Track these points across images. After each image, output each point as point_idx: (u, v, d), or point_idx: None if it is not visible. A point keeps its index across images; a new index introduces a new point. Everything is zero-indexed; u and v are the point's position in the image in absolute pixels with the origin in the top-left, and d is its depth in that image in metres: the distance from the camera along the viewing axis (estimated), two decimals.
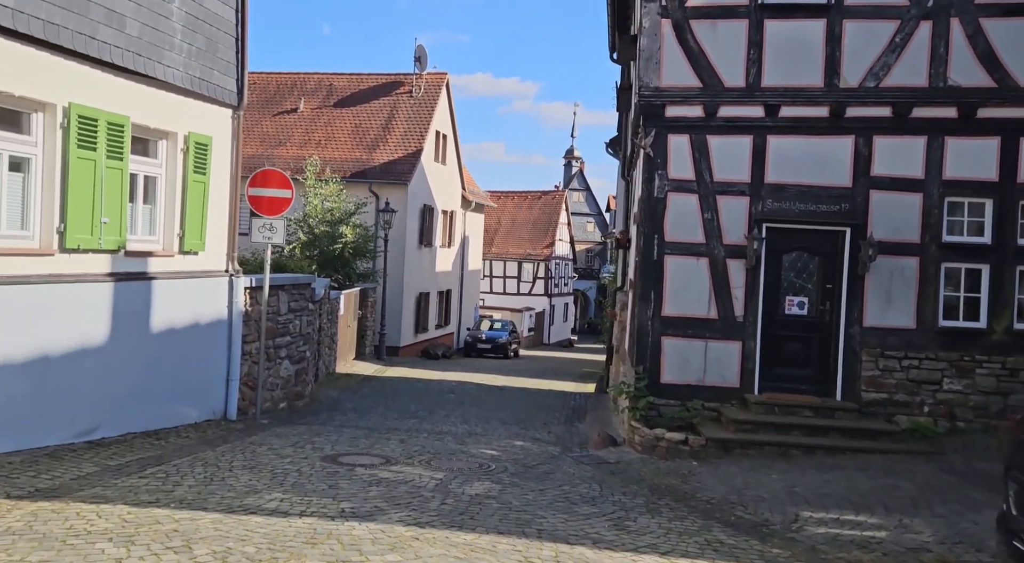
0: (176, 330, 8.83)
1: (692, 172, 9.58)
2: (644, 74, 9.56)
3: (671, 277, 9.67)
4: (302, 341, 11.78)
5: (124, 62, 7.63)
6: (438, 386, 17.15)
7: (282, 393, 11.26)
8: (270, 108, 27.76)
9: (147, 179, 8.52)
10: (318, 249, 21.50)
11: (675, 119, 9.59)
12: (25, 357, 6.87)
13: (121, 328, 7.95)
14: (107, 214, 7.61)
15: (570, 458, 9.10)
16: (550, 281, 48.50)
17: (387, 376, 18.58)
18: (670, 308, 9.68)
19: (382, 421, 11.29)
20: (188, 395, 9.17)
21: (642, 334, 9.78)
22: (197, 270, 9.16)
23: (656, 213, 9.67)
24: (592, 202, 72.29)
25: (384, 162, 25.36)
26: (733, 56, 9.35)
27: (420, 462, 8.07)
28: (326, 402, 12.98)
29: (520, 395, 16.48)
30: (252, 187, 10.02)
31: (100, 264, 7.68)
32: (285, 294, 11.10)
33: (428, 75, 27.44)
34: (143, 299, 8.30)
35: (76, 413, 7.51)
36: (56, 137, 7.05)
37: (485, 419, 12.20)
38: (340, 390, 14.92)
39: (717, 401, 9.51)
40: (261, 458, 7.68)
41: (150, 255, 8.44)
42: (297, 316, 11.55)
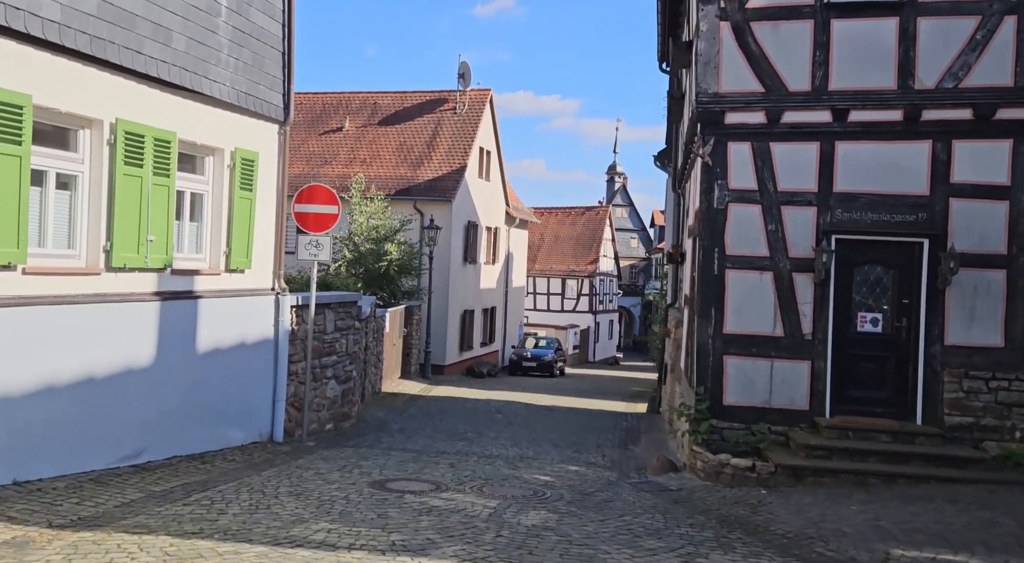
0: (222, 350, 8.64)
1: (754, 181, 9.09)
2: (702, 80, 9.13)
3: (733, 293, 9.16)
4: (348, 360, 11.53)
5: (171, 77, 7.51)
6: (485, 406, 16.79)
7: (328, 414, 11.01)
8: (316, 127, 27.97)
9: (193, 196, 8.38)
10: (363, 267, 21.41)
11: (735, 126, 9.12)
12: (70, 379, 6.70)
13: (167, 348, 7.77)
14: (153, 232, 7.46)
15: (628, 485, 8.62)
16: (595, 298, 47.90)
17: (433, 395, 18.29)
18: (732, 325, 9.16)
19: (430, 443, 10.95)
20: (234, 417, 8.96)
21: (702, 353, 9.27)
22: (243, 288, 8.98)
23: (716, 225, 9.19)
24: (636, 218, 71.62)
25: (428, 179, 25.27)
26: (797, 59, 8.86)
27: (472, 489, 7.68)
28: (373, 423, 12.71)
29: (569, 416, 16.00)
30: (298, 203, 9.84)
31: (146, 283, 7.52)
32: (331, 312, 10.88)
33: (472, 91, 27.36)
34: (189, 318, 8.12)
35: (121, 436, 7.32)
36: (103, 154, 6.93)
37: (536, 441, 11.77)
38: (386, 410, 14.65)
39: (785, 425, 8.93)
40: (307, 484, 7.38)
41: (196, 273, 8.27)
42: (344, 335, 11.31)
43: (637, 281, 65.32)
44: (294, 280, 14.27)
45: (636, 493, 8.11)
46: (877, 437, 8.49)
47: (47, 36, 6.17)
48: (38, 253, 6.51)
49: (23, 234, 6.11)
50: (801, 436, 8.67)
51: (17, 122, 5.97)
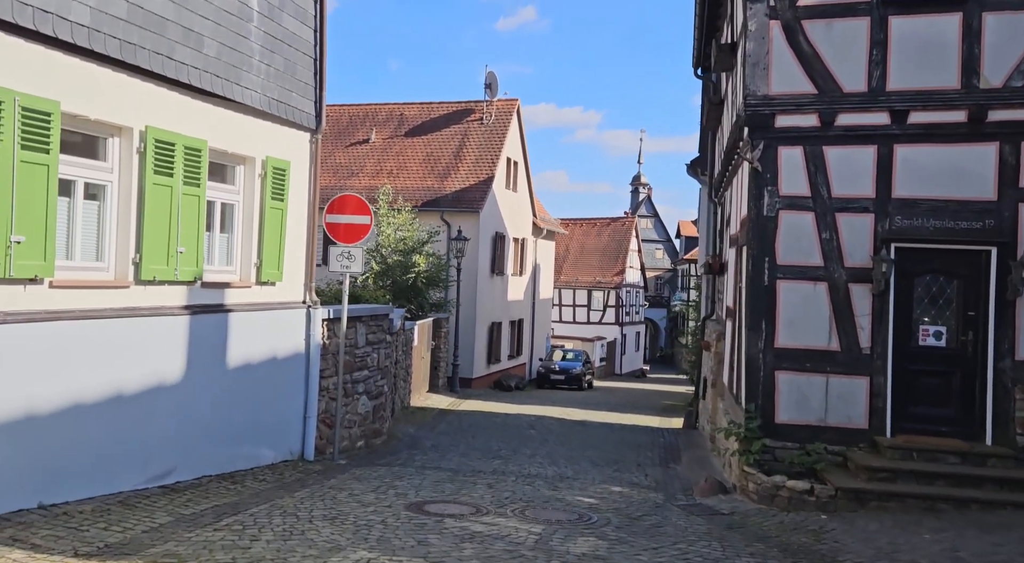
0: (252, 365, 8.35)
1: (807, 187, 8.65)
2: (750, 82, 8.72)
3: (785, 304, 8.70)
4: (380, 375, 11.21)
5: (202, 83, 7.26)
6: (516, 421, 16.37)
7: (360, 431, 10.68)
8: (343, 139, 27.88)
9: (224, 206, 8.12)
10: (391, 279, 21.16)
11: (786, 129, 8.69)
12: (98, 397, 6.42)
13: (197, 364, 7.49)
14: (183, 244, 7.19)
15: (677, 508, 8.16)
16: (621, 309, 47.34)
17: (463, 410, 17.92)
18: (784, 339, 8.69)
19: (465, 461, 10.57)
20: (265, 434, 8.65)
21: (752, 368, 8.81)
22: (274, 301, 8.70)
23: (766, 233, 8.75)
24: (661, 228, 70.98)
25: (456, 190, 25.01)
26: (852, 58, 8.42)
27: (513, 512, 7.28)
28: (404, 440, 12.35)
29: (604, 431, 15.53)
30: (330, 214, 9.56)
31: (176, 296, 7.25)
32: (363, 326, 10.57)
33: (499, 101, 27.12)
34: (219, 333, 7.84)
35: (150, 456, 7.03)
36: (132, 163, 6.68)
37: (574, 459, 11.33)
38: (417, 426, 14.30)
39: (842, 444, 8.43)
40: (342, 506, 7.03)
41: (227, 286, 8.00)
42: (375, 349, 11.00)
43: (663, 293, 64.62)
44: (323, 293, 14.03)
45: (687, 517, 7.66)
46: (944, 458, 7.96)
47: (76, 40, 5.94)
48: (66, 266, 6.26)
49: (51, 246, 5.86)
50: (861, 457, 8.17)
51: (45, 130, 5.73)
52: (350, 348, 10.20)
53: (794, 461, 8.39)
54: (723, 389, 11.87)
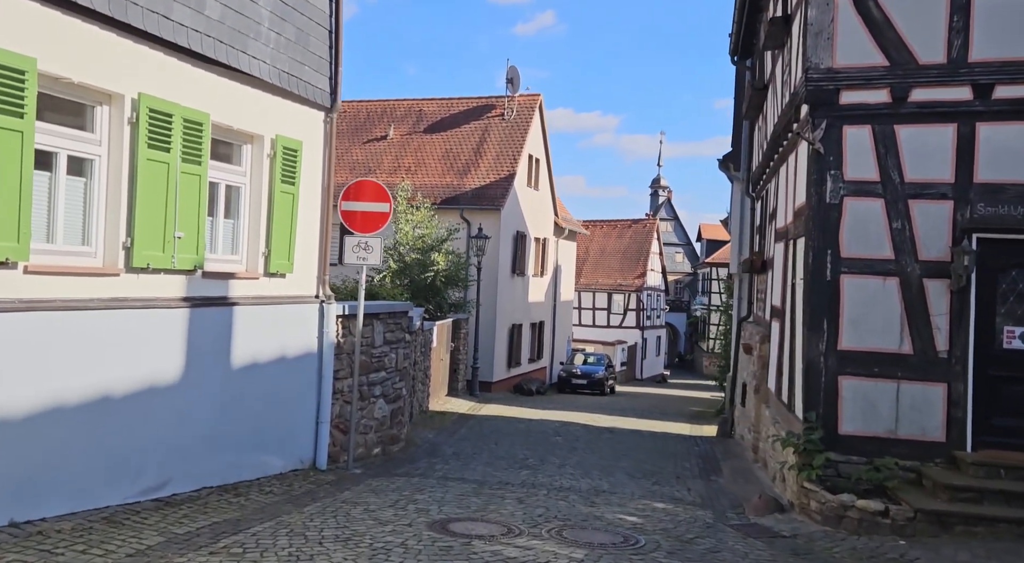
0: (259, 365, 7.57)
1: (875, 171, 7.74)
2: (812, 53, 7.84)
3: (849, 302, 7.80)
4: (398, 377, 10.40)
5: (203, 49, 6.49)
6: (540, 427, 15.51)
7: (376, 437, 9.87)
8: (360, 136, 27.19)
9: (228, 189, 7.35)
10: (409, 278, 20.39)
11: (852, 107, 7.80)
12: (82, 398, 5.66)
13: (196, 363, 6.72)
14: (182, 228, 6.43)
15: (731, 528, 7.28)
16: (642, 313, 46.31)
17: (483, 415, 17.08)
18: (849, 340, 7.79)
19: (490, 471, 9.72)
20: (272, 441, 7.87)
21: (812, 373, 7.91)
22: (284, 295, 7.92)
23: (829, 223, 7.85)
24: (681, 231, 69.87)
25: (476, 187, 24.22)
26: (929, 26, 7.52)
27: (550, 533, 6.43)
28: (423, 446, 11.54)
29: (634, 439, 14.63)
30: (346, 201, 8.77)
31: (173, 287, 6.48)
32: (380, 324, 9.77)
33: (520, 97, 26.31)
34: (222, 328, 7.06)
35: (142, 465, 6.26)
36: (123, 135, 5.92)
37: (607, 470, 10.46)
38: (436, 431, 13.48)
39: (915, 459, 7.51)
40: (356, 525, 6.21)
41: (231, 277, 7.22)
42: (393, 349, 10.19)
43: (683, 297, 63.51)
44: (339, 290, 13.27)
45: (743, 540, 6.78)
46: None
47: None
48: (45, 249, 5.50)
49: (24, 225, 5.10)
50: (939, 474, 7.24)
51: (18, 90, 4.98)
52: (367, 347, 9.40)
53: (861, 477, 7.48)
54: (769, 396, 10.95)
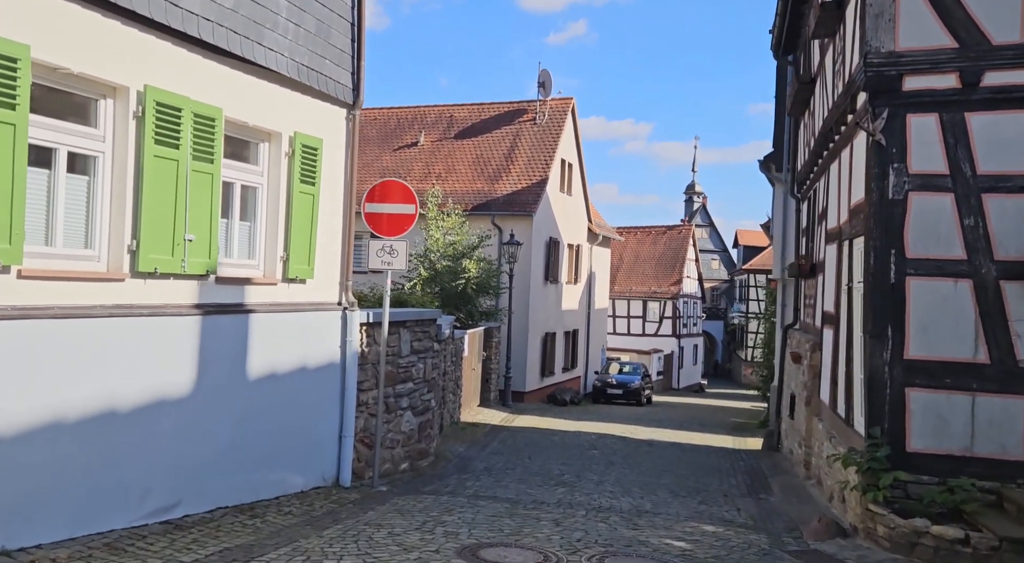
0: (278, 376, 7.12)
1: (944, 163, 7.06)
2: (872, 36, 7.19)
3: (917, 307, 7.11)
4: (426, 388, 9.90)
5: (215, 39, 6.09)
6: (575, 439, 14.90)
7: (403, 451, 9.37)
8: (390, 143, 26.94)
9: (244, 189, 6.93)
10: (439, 285, 19.96)
11: (917, 93, 7.13)
12: (82, 413, 5.25)
13: (210, 374, 6.29)
14: (193, 230, 6.01)
15: (789, 556, 6.62)
16: (678, 321, 45.39)
17: (516, 426, 16.53)
18: (917, 349, 7.09)
19: (523, 489, 9.16)
20: (292, 457, 7.41)
21: (876, 384, 7.22)
22: (304, 302, 7.48)
23: (892, 221, 7.18)
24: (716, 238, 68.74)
25: (507, 193, 23.75)
26: (1004, 2, 6.84)
27: (591, 561, 5.84)
28: (453, 461, 11.01)
29: (674, 453, 13.95)
30: (370, 202, 8.32)
31: (183, 293, 6.06)
32: (407, 332, 9.29)
33: (552, 101, 25.81)
34: (238, 337, 6.63)
35: (150, 485, 5.83)
36: (128, 130, 5.53)
37: (648, 487, 9.82)
38: (467, 444, 12.96)
39: (995, 479, 6.78)
40: (379, 551, 5.70)
41: (247, 283, 6.79)
42: (421, 358, 9.70)
43: (719, 304, 62.34)
44: (366, 298, 12.86)
45: None
46: None
47: None
48: (43, 252, 5.11)
49: (17, 226, 4.70)
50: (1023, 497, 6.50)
51: (10, 80, 4.60)
52: (392, 357, 8.93)
53: (934, 500, 6.77)
54: (821, 408, 10.24)
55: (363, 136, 27.52)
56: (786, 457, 13.06)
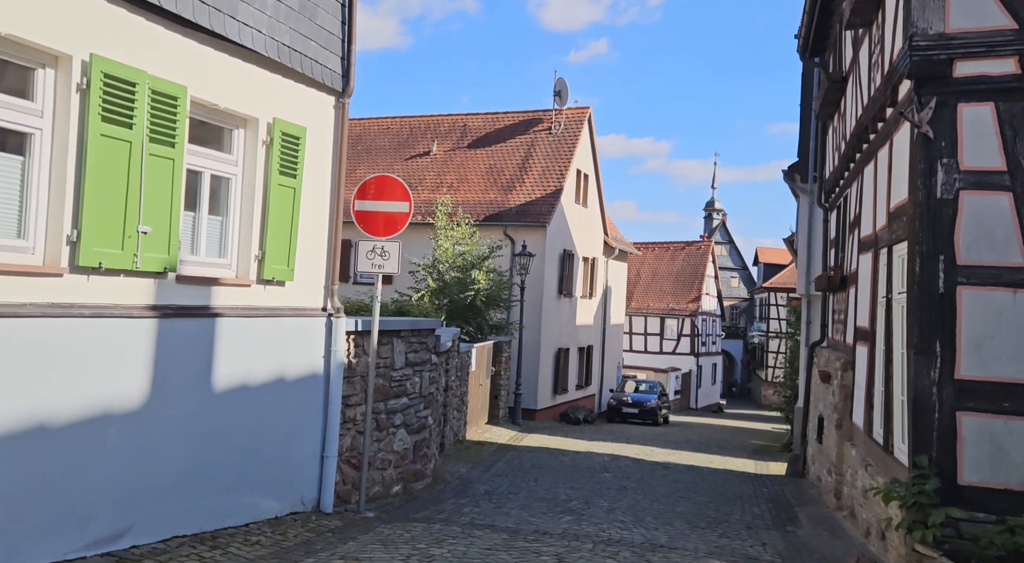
0: (251, 388, 6.41)
1: (1000, 159, 6.24)
2: (918, 16, 6.42)
3: (969, 320, 6.27)
4: (423, 404, 9.15)
5: (179, 8, 5.44)
6: (587, 461, 14.04)
7: (396, 473, 8.61)
8: (402, 152, 26.40)
9: (215, 180, 6.26)
10: (448, 297, 19.25)
11: (971, 80, 6.34)
12: (13, 427, 4.55)
13: (167, 385, 5.58)
14: (149, 222, 5.33)
15: None
16: (696, 339, 44.34)
17: (525, 445, 15.70)
18: (969, 368, 6.24)
19: (526, 516, 8.35)
20: (266, 479, 6.67)
21: (922, 407, 6.37)
22: (283, 307, 6.77)
23: (940, 223, 6.36)
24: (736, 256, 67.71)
25: (520, 203, 23.05)
26: None
27: None
28: (453, 483, 10.22)
29: (692, 477, 13.05)
30: (360, 200, 7.63)
31: (136, 292, 5.37)
32: (401, 343, 8.56)
33: (569, 110, 25.15)
34: (203, 344, 5.93)
35: (92, 510, 5.11)
36: (71, 105, 4.87)
37: (664, 516, 8.97)
38: (470, 464, 12.16)
39: None
40: None
41: (216, 283, 6.10)
42: (417, 372, 8.96)
43: (739, 323, 61.16)
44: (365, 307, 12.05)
45: None
46: None
47: None
48: None
49: None
50: None
51: None
52: (385, 369, 8.20)
53: (992, 541, 5.88)
54: (854, 432, 9.36)
55: (375, 145, 27.01)
56: (813, 484, 12.14)
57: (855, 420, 9.40)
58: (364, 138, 27.50)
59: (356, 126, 28.13)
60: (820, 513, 9.80)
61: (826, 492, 10.77)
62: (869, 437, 8.36)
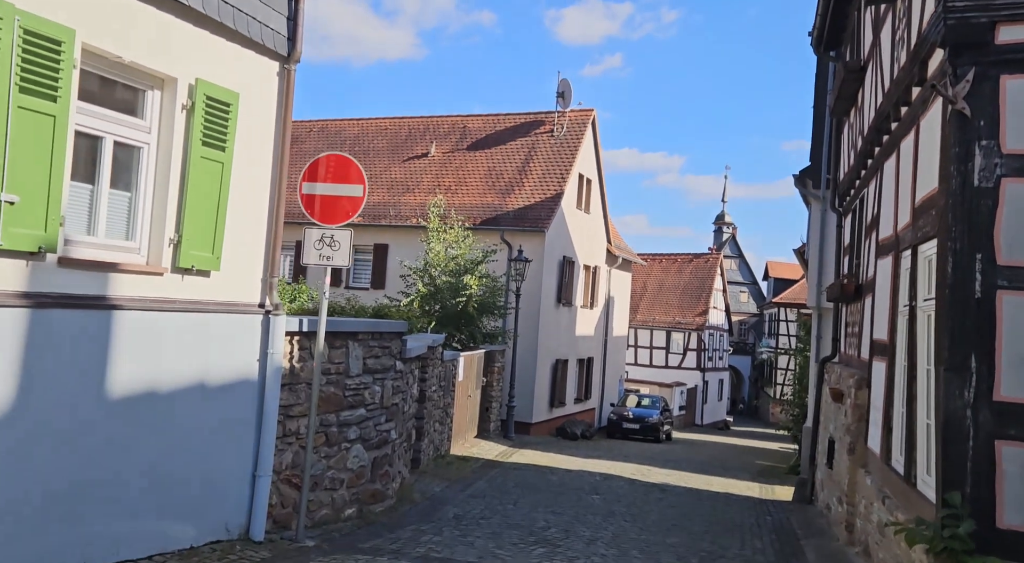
0: (160, 394, 5.46)
1: None
2: None
3: (1011, 331, 5.26)
4: (384, 416, 8.17)
5: None
6: (577, 480, 13.01)
7: (349, 493, 7.63)
8: (400, 153, 25.56)
9: (120, 148, 5.33)
10: (439, 303, 18.31)
11: (1015, 47, 5.35)
12: None
13: (42, 387, 4.64)
14: (17, 189, 4.41)
15: None
16: (703, 353, 43.18)
17: (513, 462, 14.67)
18: (1012, 388, 5.23)
19: (492, 548, 7.34)
20: (178, 501, 5.70)
21: (954, 434, 5.34)
22: (206, 300, 5.82)
23: (977, 216, 5.36)
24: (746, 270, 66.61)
25: (519, 207, 22.12)
26: None
27: None
28: (421, 504, 9.22)
29: (689, 501, 11.99)
30: (308, 182, 6.70)
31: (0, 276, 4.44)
32: (359, 347, 7.60)
33: (572, 112, 24.24)
34: (96, 340, 4.99)
35: None
36: None
37: (652, 550, 7.94)
38: (448, 482, 11.16)
39: None
40: None
41: (116, 269, 5.16)
42: (378, 380, 7.99)
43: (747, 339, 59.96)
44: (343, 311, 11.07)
45: None
46: None
47: None
48: None
49: None
50: None
51: None
52: (337, 376, 7.24)
53: None
54: (869, 458, 8.33)
55: (373, 147, 26.16)
56: (821, 513, 11.06)
57: (870, 445, 8.37)
58: (362, 139, 26.70)
59: (353, 127, 27.34)
60: (829, 548, 8.75)
61: (836, 523, 9.70)
62: (887, 465, 7.32)
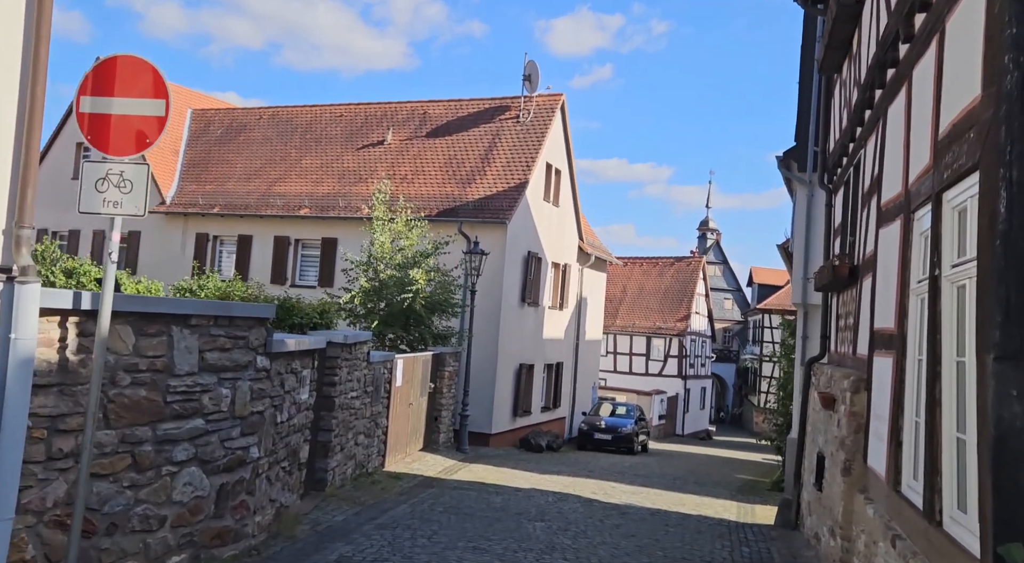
0: None
1: None
2: None
3: None
4: (238, 429, 6.21)
5: None
6: (523, 503, 11.06)
7: (177, 536, 5.64)
8: (354, 141, 23.64)
9: None
10: (384, 300, 16.37)
11: None
12: None
13: None
14: None
15: None
16: (684, 360, 41.39)
17: (456, 480, 12.73)
18: None
19: None
20: None
21: (1010, 455, 3.48)
22: None
23: None
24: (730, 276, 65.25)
25: (479, 198, 20.26)
26: None
27: None
28: (302, 541, 7.24)
29: (653, 528, 10.07)
30: (88, 96, 4.76)
31: None
32: (191, 335, 5.63)
33: (539, 97, 22.42)
34: None
35: None
36: None
37: None
38: (359, 508, 9.20)
39: None
40: None
41: None
42: (227, 381, 6.03)
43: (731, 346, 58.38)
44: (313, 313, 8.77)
45: None
46: None
47: None
48: None
49: None
50: None
51: None
52: (153, 374, 5.28)
53: None
54: (870, 481, 6.48)
55: (325, 134, 24.23)
56: (809, 543, 9.19)
57: (871, 463, 6.50)
58: (314, 126, 24.77)
59: (307, 113, 25.41)
60: None
61: (828, 558, 7.84)
62: (895, 492, 5.44)
